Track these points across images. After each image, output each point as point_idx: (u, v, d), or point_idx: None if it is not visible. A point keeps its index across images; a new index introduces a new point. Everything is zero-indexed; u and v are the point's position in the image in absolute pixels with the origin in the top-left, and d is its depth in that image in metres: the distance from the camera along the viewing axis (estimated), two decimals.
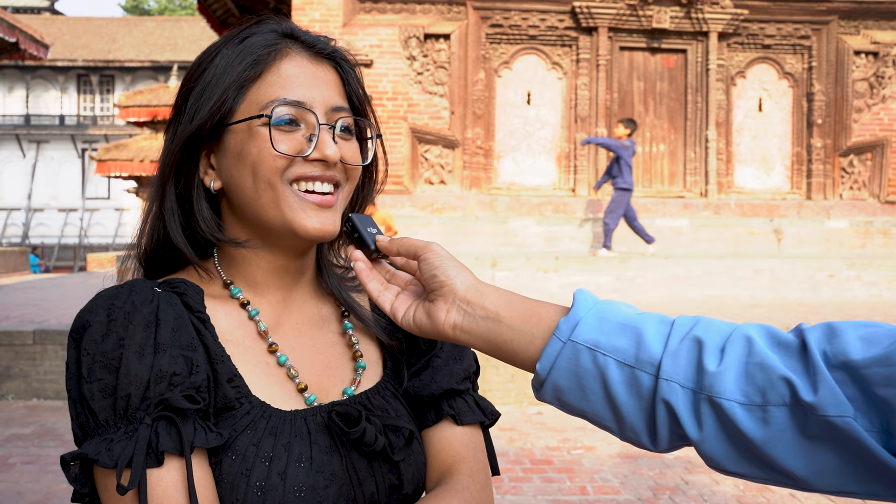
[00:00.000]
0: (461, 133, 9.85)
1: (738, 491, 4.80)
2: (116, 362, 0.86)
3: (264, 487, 0.89)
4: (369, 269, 1.01)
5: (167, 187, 1.02)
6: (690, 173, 10.21)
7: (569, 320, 0.86)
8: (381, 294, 0.99)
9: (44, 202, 34.67)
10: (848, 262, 9.55)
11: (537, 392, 0.89)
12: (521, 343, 0.89)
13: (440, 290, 0.93)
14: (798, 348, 0.77)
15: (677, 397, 0.79)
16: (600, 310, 0.86)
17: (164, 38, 36.22)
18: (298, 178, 0.97)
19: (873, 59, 10.37)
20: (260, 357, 1.00)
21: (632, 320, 0.85)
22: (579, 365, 0.84)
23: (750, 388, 0.76)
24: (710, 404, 0.78)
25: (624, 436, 0.85)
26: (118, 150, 15.55)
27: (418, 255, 0.96)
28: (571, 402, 0.86)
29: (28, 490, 4.75)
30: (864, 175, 10.39)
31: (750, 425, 0.75)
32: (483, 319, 0.91)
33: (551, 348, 0.86)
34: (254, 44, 0.99)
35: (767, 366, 0.76)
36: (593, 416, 0.86)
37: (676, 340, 0.82)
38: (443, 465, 1.05)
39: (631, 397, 0.82)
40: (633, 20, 9.97)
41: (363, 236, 1.01)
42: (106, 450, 0.83)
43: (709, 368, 0.78)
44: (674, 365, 0.80)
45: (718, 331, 0.82)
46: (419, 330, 0.95)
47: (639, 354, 0.82)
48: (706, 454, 0.80)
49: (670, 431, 0.81)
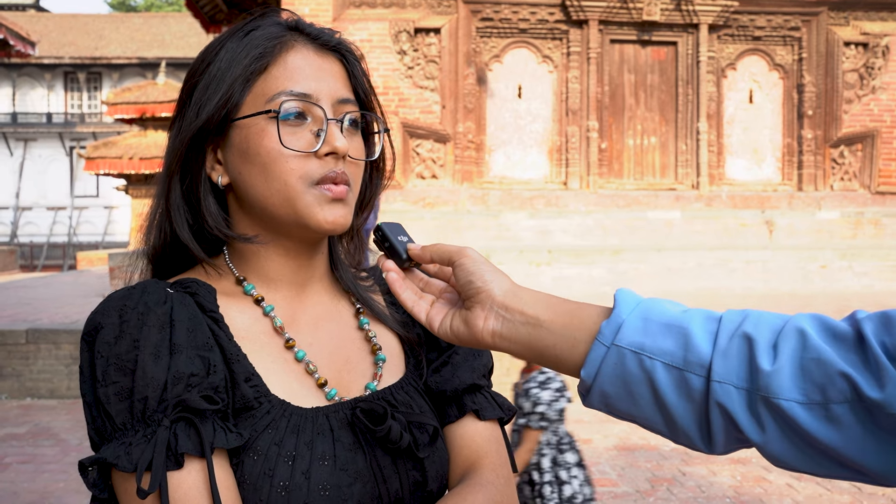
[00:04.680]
0: (452, 127, 9.84)
1: (735, 482, 4.81)
2: (132, 364, 0.85)
3: (288, 487, 0.88)
4: (402, 280, 0.98)
5: (173, 183, 1.00)
6: (682, 165, 10.23)
7: (611, 323, 0.82)
8: (415, 304, 0.96)
9: (32, 201, 34.45)
10: (839, 253, 9.59)
11: (584, 398, 0.85)
12: (563, 348, 0.85)
13: (477, 297, 0.90)
14: (854, 340, 0.73)
15: (732, 400, 0.75)
16: (643, 310, 0.82)
17: (152, 35, 35.99)
18: (315, 181, 0.95)
19: (863, 49, 10.40)
20: (277, 353, 0.99)
21: (677, 319, 0.80)
22: (625, 370, 0.80)
23: (808, 386, 0.72)
24: (767, 405, 0.74)
25: (677, 439, 0.81)
26: (107, 148, 15.44)
27: (452, 260, 0.93)
28: (620, 407, 0.82)
29: (24, 490, 4.73)
30: (855, 166, 10.43)
31: (814, 424, 0.72)
32: (523, 325, 0.87)
33: (595, 354, 0.82)
34: (259, 37, 0.98)
35: (824, 360, 0.72)
36: (644, 420, 0.82)
37: (725, 338, 0.77)
38: (466, 460, 1.04)
39: (682, 400, 0.78)
40: (623, 13, 9.96)
41: (394, 245, 0.98)
42: (125, 453, 0.82)
43: (763, 367, 0.74)
44: (725, 365, 0.76)
45: (769, 325, 0.77)
46: (457, 339, 0.92)
47: (687, 356, 0.78)
48: (771, 456, 0.76)
49: (726, 434, 0.77)
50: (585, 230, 9.85)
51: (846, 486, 4.69)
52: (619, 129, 10.25)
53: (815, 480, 4.79)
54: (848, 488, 4.67)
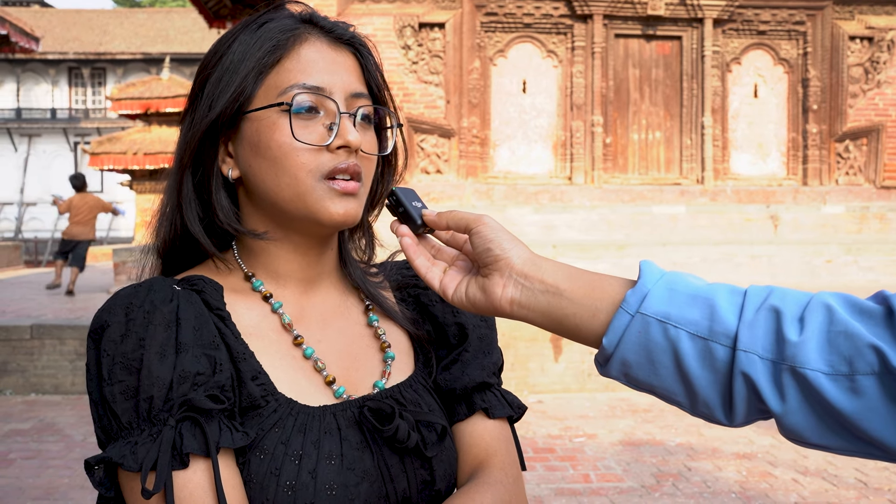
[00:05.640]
0: (457, 122, 9.83)
1: (741, 476, 4.81)
2: (137, 363, 0.85)
3: (294, 486, 0.87)
4: (416, 245, 0.96)
5: (185, 177, 0.99)
6: (687, 160, 10.20)
7: (636, 292, 0.82)
8: (429, 271, 0.95)
9: (36, 196, 34.48)
10: (844, 248, 9.56)
11: (601, 367, 0.85)
12: (584, 317, 0.85)
13: (495, 265, 0.89)
14: (883, 315, 0.73)
15: (756, 369, 0.76)
16: (668, 280, 0.83)
17: (156, 30, 36.00)
18: (325, 174, 0.94)
19: (868, 44, 10.36)
20: (285, 350, 0.98)
21: (702, 291, 0.81)
22: (649, 338, 0.80)
23: (835, 358, 0.73)
24: (792, 375, 0.74)
25: (696, 411, 0.82)
26: (111, 144, 15.44)
27: (470, 228, 0.92)
28: (640, 376, 0.82)
29: (29, 485, 4.74)
30: (860, 160, 10.39)
31: (838, 396, 0.72)
32: (542, 293, 0.87)
33: (619, 321, 0.82)
34: (272, 29, 0.97)
35: (852, 333, 0.73)
36: (663, 391, 0.82)
37: (752, 310, 0.78)
38: (475, 459, 1.03)
39: (705, 370, 0.79)
40: (627, 7, 9.93)
41: (408, 210, 0.97)
42: (130, 453, 0.82)
43: (790, 338, 0.75)
44: (751, 336, 0.77)
45: (795, 300, 0.78)
46: (473, 307, 0.91)
47: (713, 326, 0.78)
48: (789, 427, 0.77)
49: (748, 405, 0.78)
50: (590, 225, 9.83)
51: (852, 481, 4.68)
52: (623, 124, 10.22)
53: (820, 475, 4.78)
54: (854, 483, 4.66)
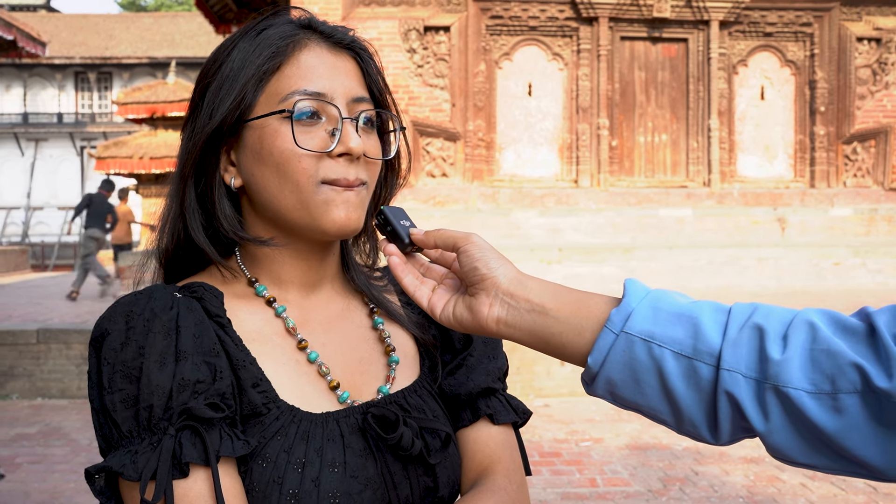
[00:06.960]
0: (462, 125, 9.82)
1: (749, 481, 4.78)
2: (137, 372, 0.84)
3: (297, 495, 0.86)
4: (404, 264, 0.97)
5: (188, 187, 0.98)
6: (693, 163, 10.17)
7: (621, 311, 0.82)
8: (417, 289, 0.95)
9: (43, 200, 34.59)
10: (853, 250, 9.52)
11: (588, 386, 0.86)
12: (569, 336, 0.85)
13: (482, 284, 0.89)
14: (865, 333, 0.73)
15: (740, 388, 0.76)
16: (653, 299, 0.82)
17: (162, 35, 36.10)
18: (326, 181, 0.93)
19: (876, 45, 10.32)
20: (289, 355, 0.97)
21: (686, 309, 0.81)
22: (634, 357, 0.80)
23: (817, 376, 0.73)
24: (775, 394, 0.74)
25: (682, 429, 0.82)
26: (117, 148, 15.49)
27: (458, 246, 0.92)
28: (625, 395, 0.82)
29: (35, 490, 4.74)
30: (868, 162, 10.35)
31: (820, 415, 0.72)
32: (528, 312, 0.87)
33: (603, 341, 0.82)
34: (271, 35, 0.96)
35: (835, 352, 0.73)
36: (649, 409, 0.82)
37: (735, 329, 0.78)
38: (479, 465, 1.02)
39: (689, 389, 0.79)
40: (633, 9, 9.92)
41: (396, 229, 0.97)
42: (130, 462, 0.81)
43: (773, 357, 0.75)
44: (735, 354, 0.77)
45: (779, 317, 0.78)
46: (460, 325, 0.91)
47: (696, 345, 0.78)
48: (773, 446, 0.76)
49: (733, 423, 0.78)
50: (596, 228, 9.81)
51: (861, 486, 4.65)
52: (629, 127, 10.20)
53: (829, 480, 4.75)
54: (864, 488, 4.63)
